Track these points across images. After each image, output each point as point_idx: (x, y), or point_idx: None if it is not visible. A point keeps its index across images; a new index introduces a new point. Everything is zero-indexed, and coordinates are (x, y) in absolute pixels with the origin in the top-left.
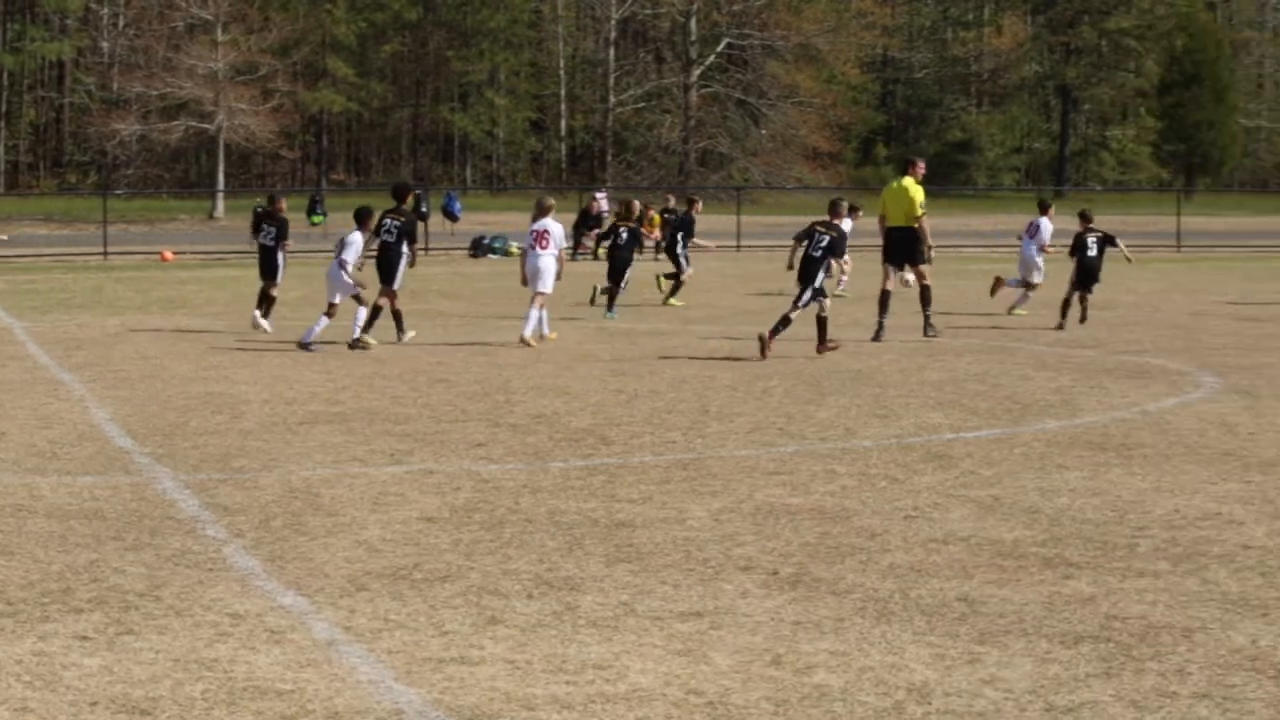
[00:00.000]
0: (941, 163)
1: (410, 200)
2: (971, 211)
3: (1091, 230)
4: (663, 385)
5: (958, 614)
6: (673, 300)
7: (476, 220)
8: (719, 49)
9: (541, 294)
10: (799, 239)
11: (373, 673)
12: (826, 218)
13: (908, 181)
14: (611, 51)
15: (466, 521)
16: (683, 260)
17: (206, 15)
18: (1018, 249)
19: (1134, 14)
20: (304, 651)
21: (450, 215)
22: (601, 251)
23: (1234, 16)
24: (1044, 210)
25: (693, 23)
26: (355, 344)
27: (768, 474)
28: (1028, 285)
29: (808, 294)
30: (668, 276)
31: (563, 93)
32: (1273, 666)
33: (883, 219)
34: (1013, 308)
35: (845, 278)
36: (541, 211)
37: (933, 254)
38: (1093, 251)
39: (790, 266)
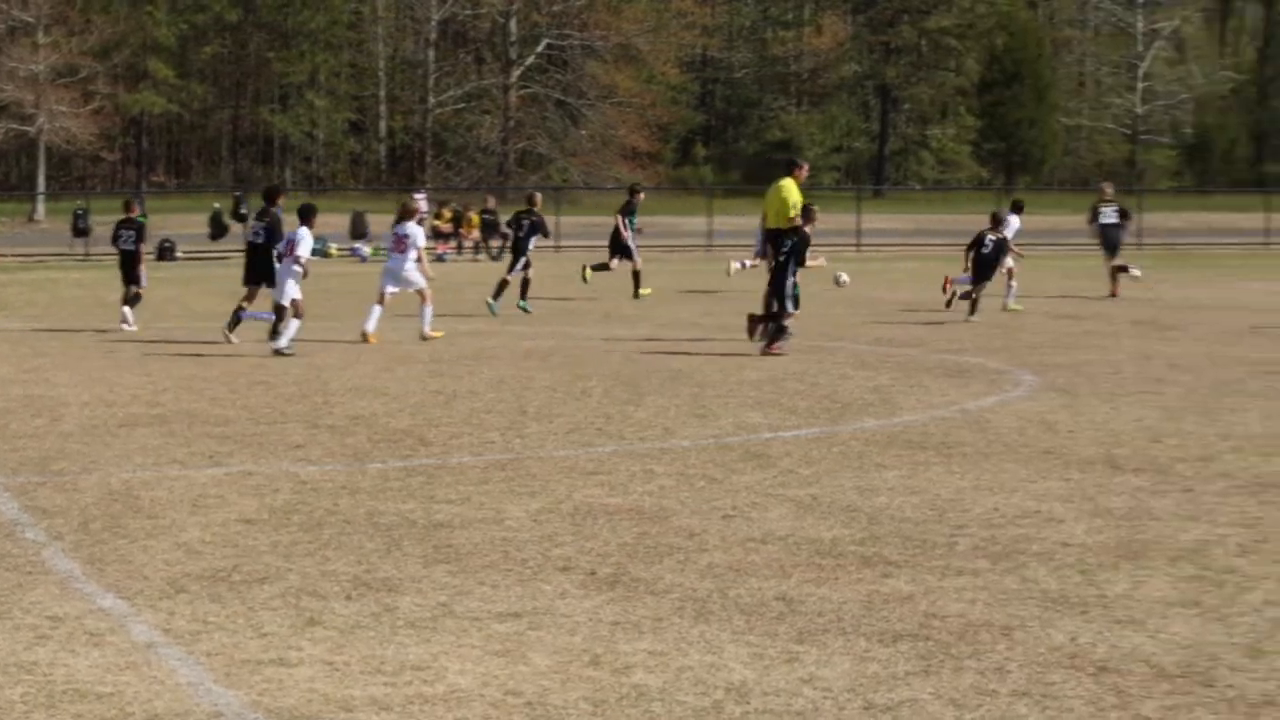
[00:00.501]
0: (760, 162)
1: (279, 200)
2: None
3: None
4: (481, 386)
5: (776, 613)
6: (643, 291)
7: (295, 222)
8: (538, 50)
9: (393, 294)
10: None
11: (192, 675)
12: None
13: (787, 183)
14: (431, 52)
15: (285, 523)
16: (633, 251)
17: (27, 18)
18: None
19: (954, 13)
20: (123, 654)
21: None
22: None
23: (1055, 15)
24: (1016, 210)
25: (512, 23)
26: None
27: (586, 474)
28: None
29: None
30: (595, 268)
31: (382, 94)
32: (1091, 664)
33: (764, 218)
34: (952, 300)
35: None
36: (404, 214)
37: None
38: (987, 249)
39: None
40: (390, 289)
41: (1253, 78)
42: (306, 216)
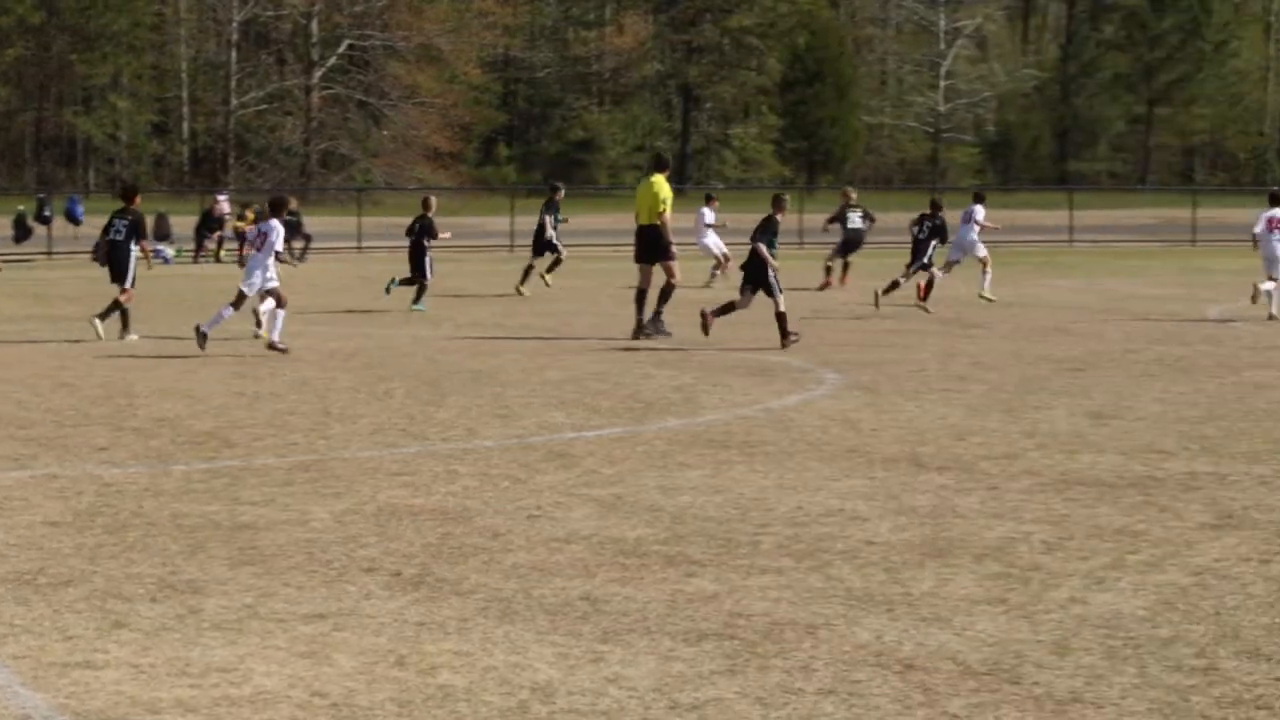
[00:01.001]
0: (563, 162)
1: (137, 199)
2: (594, 210)
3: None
4: (284, 387)
5: (581, 613)
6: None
7: (100, 225)
8: (340, 50)
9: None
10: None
11: None
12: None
13: (657, 179)
14: (233, 54)
15: (89, 525)
16: (558, 246)
17: None
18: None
19: (756, 12)
20: None
21: (73, 219)
22: (223, 254)
23: (856, 14)
24: (979, 199)
25: (314, 24)
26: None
27: (390, 475)
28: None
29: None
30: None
31: (185, 95)
32: (898, 662)
33: (636, 216)
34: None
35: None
36: (271, 212)
37: (674, 250)
38: (854, 224)
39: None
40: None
41: (1055, 75)
42: (277, 209)
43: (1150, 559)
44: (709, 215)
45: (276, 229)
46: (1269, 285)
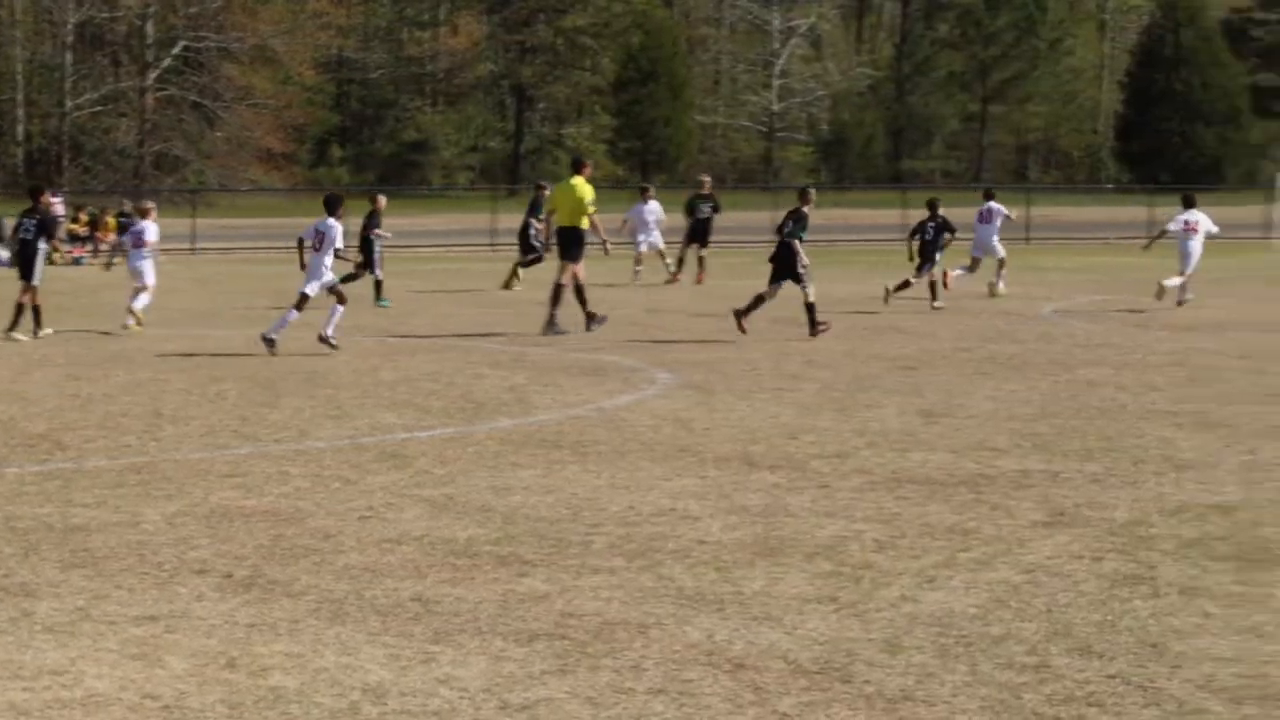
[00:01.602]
0: (396, 163)
1: (43, 197)
2: (427, 211)
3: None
4: (117, 389)
5: (412, 614)
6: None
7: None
8: (175, 52)
9: (142, 287)
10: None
11: None
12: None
13: (578, 181)
14: (69, 55)
15: None
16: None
17: None
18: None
19: (590, 12)
20: None
21: None
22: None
23: (691, 13)
24: (990, 196)
25: (149, 26)
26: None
27: (222, 476)
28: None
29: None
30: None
31: (20, 97)
32: (728, 661)
33: (555, 217)
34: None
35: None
36: (140, 214)
37: (609, 247)
38: (929, 236)
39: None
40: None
41: (889, 74)
42: (333, 207)
43: (982, 557)
44: (655, 210)
45: (335, 227)
46: (1174, 281)
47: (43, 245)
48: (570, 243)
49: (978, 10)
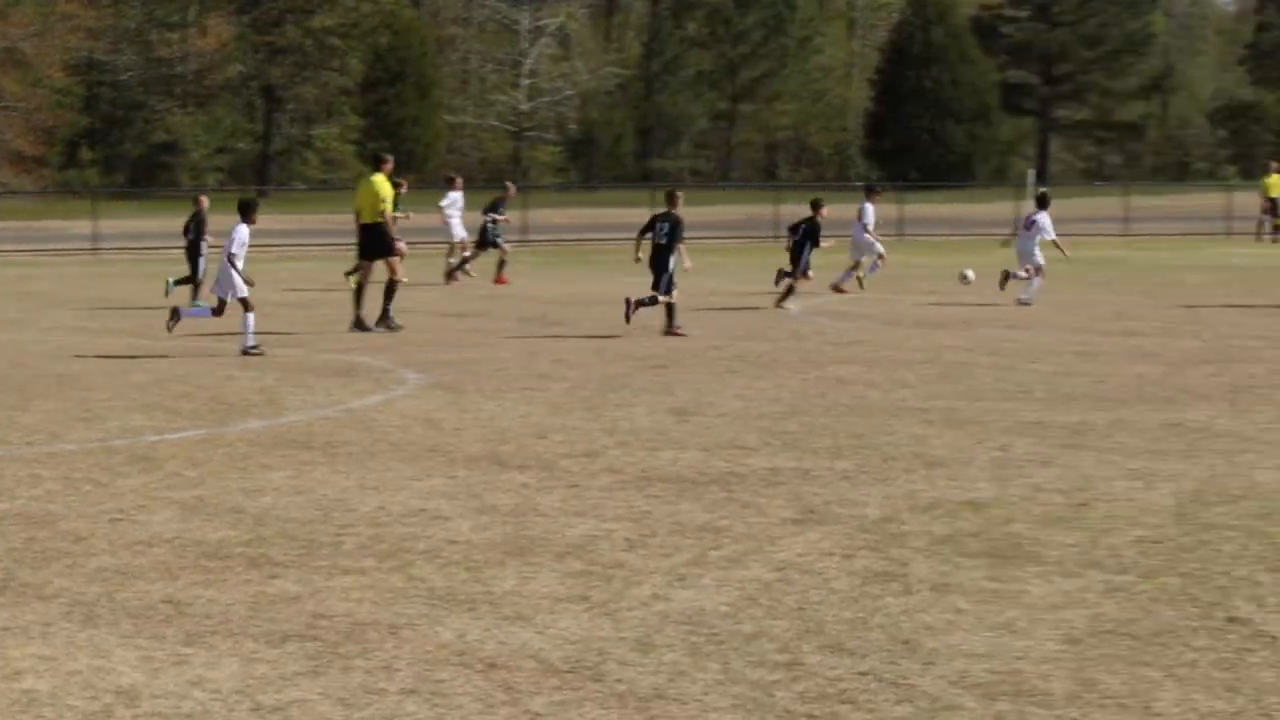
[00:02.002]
0: (146, 165)
1: None
2: (177, 213)
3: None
4: None
5: (164, 616)
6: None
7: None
8: None
9: None
10: (642, 231)
11: None
12: (665, 208)
13: (378, 178)
14: None
15: None
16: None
17: None
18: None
19: (339, 12)
20: None
21: None
22: None
23: (439, 13)
24: (1042, 205)
25: None
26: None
27: None
28: (1036, 269)
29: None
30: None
31: None
32: (480, 661)
33: (357, 214)
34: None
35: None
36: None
37: (403, 248)
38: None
39: (637, 259)
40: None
41: (638, 73)
42: (247, 212)
43: (733, 555)
44: (456, 200)
45: (240, 230)
46: (1023, 275)
47: None
48: (373, 239)
49: (727, 9)
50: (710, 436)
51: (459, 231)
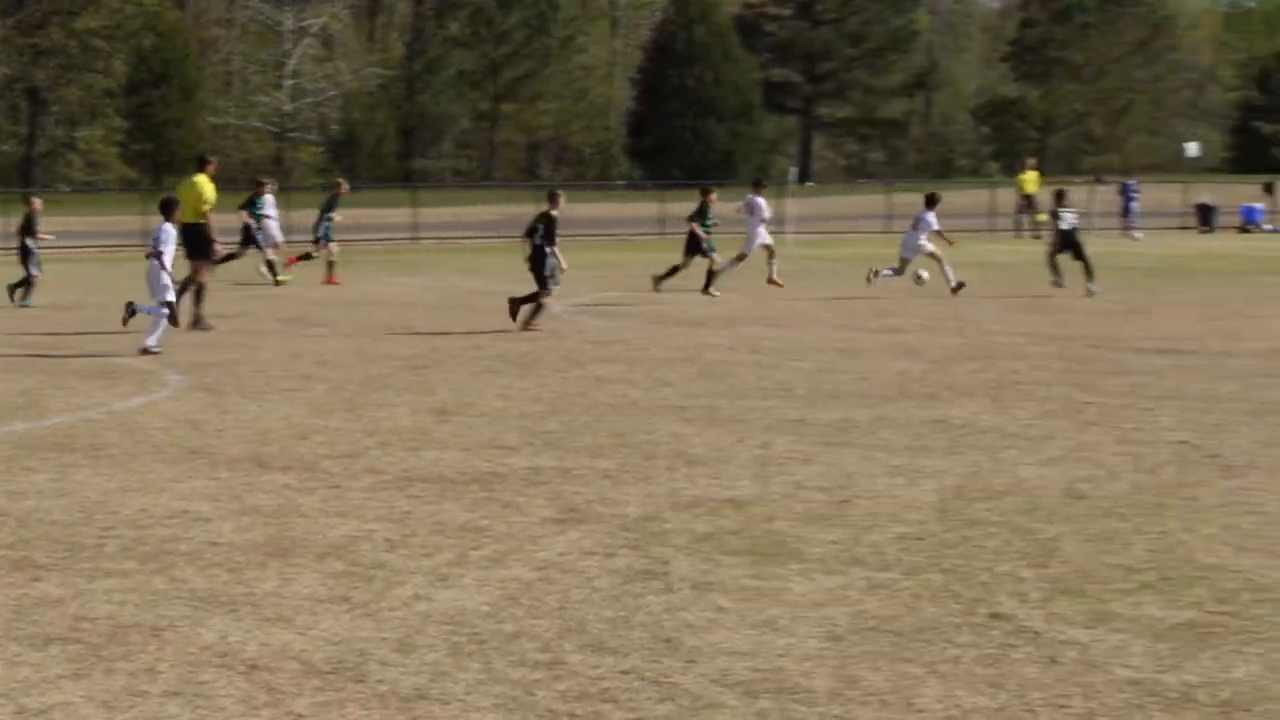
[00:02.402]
0: None
1: None
2: None
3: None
4: None
5: None
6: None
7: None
8: None
9: None
10: (527, 233)
11: None
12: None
13: (200, 179)
14: None
15: None
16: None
17: None
18: None
19: (103, 14)
20: None
21: None
22: None
23: (202, 15)
24: (931, 204)
25: None
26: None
27: None
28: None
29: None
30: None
31: None
32: (242, 662)
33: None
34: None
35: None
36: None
37: (220, 249)
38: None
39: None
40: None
41: (400, 73)
42: (168, 211)
43: (494, 554)
44: (270, 203)
45: (167, 231)
46: (925, 274)
47: None
48: (194, 239)
49: (489, 9)
50: (471, 436)
51: (278, 234)
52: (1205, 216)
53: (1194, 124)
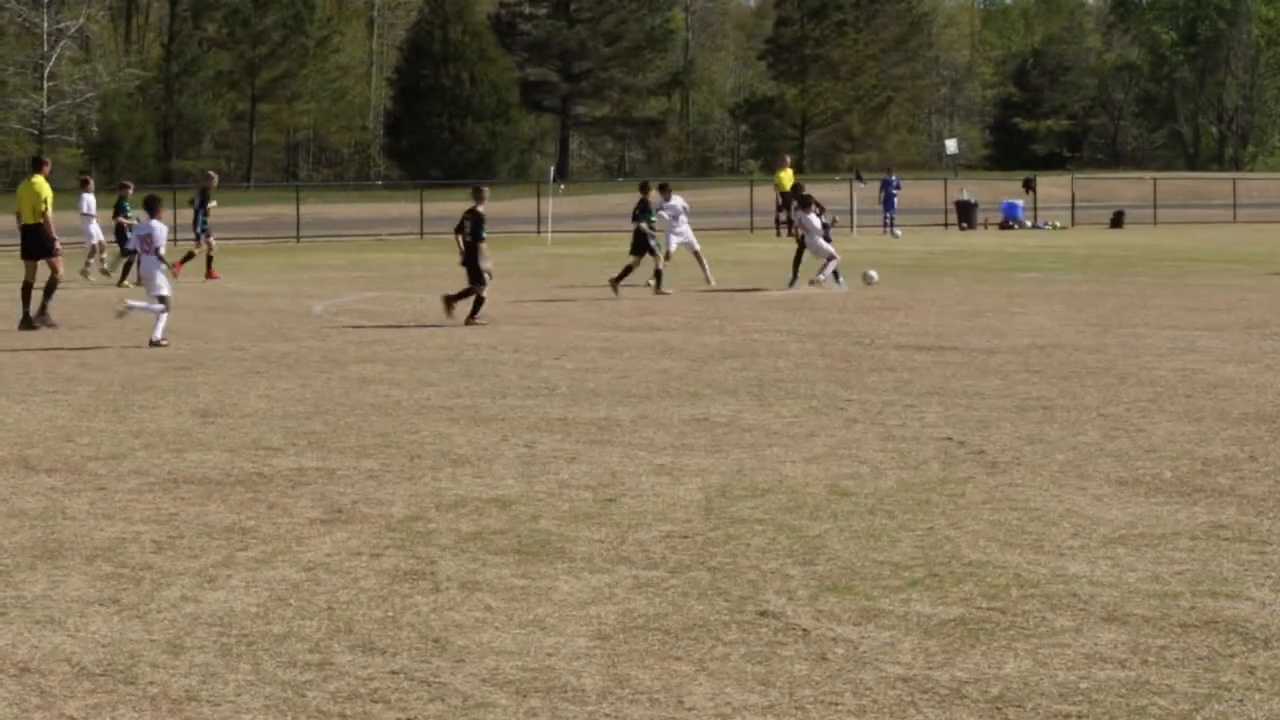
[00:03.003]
0: None
1: None
2: None
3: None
4: None
5: None
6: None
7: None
8: None
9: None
10: (457, 230)
11: None
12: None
13: (38, 180)
14: None
15: None
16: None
17: None
18: None
19: None
20: None
21: None
22: None
23: None
24: (805, 205)
25: None
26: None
27: None
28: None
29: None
30: None
31: None
32: (13, 665)
33: (19, 216)
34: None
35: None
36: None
37: (58, 247)
38: None
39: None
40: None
41: (158, 75)
42: (154, 208)
43: (261, 555)
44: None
45: (158, 228)
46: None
47: None
48: (35, 239)
49: (246, 10)
50: (236, 437)
51: (97, 234)
52: (965, 213)
53: (953, 121)
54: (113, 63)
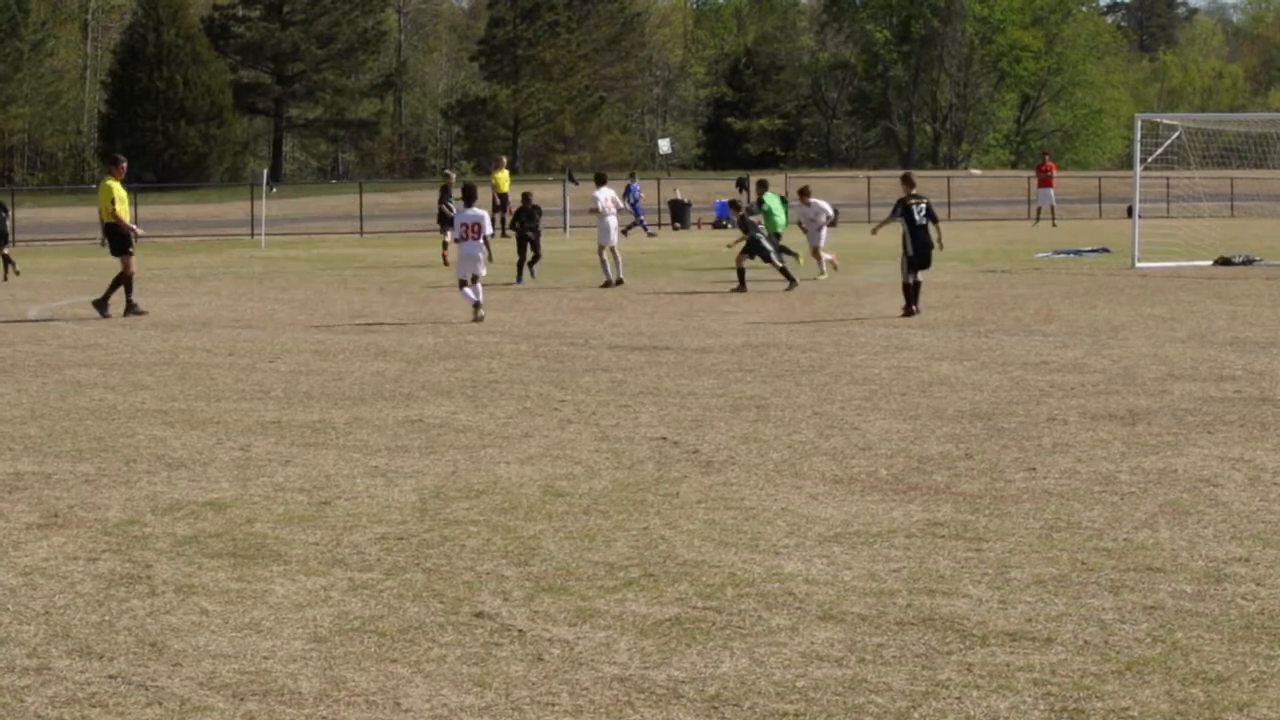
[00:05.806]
0: None
1: None
2: None
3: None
4: None
5: None
6: None
7: None
8: None
9: None
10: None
11: None
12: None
13: (108, 181)
14: None
15: None
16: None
17: None
18: None
19: None
20: None
21: None
22: None
23: None
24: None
25: None
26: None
27: None
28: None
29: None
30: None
31: None
32: None
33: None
34: None
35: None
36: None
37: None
38: None
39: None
40: None
41: None
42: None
43: None
44: None
45: None
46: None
47: None
48: (111, 239)
49: None
50: None
51: None
52: (678, 213)
53: (666, 121)
54: None
